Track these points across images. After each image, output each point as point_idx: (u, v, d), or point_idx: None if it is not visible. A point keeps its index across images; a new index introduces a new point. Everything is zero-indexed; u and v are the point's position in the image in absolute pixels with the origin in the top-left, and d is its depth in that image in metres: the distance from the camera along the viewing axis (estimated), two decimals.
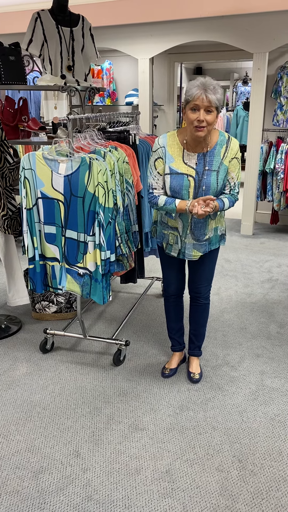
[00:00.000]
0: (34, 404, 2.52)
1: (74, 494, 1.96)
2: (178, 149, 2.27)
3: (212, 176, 2.24)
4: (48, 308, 3.43)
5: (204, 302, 2.66)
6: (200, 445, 2.22)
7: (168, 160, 2.27)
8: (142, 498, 1.93)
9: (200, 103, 2.07)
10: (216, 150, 2.24)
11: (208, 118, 2.10)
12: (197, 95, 2.06)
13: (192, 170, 2.24)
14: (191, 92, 2.09)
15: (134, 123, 3.42)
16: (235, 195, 2.36)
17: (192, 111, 2.11)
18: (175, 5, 4.88)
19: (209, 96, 2.05)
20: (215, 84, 2.09)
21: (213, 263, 2.56)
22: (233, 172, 2.29)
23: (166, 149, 2.28)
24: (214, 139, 2.26)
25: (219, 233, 2.47)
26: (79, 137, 2.64)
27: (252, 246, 5.20)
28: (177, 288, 2.66)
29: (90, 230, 2.47)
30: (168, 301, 2.72)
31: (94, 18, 4.13)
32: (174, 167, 2.26)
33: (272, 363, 2.89)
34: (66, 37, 3.25)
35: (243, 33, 4.88)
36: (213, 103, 2.08)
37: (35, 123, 3.39)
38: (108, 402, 2.53)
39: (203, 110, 2.09)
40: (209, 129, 2.15)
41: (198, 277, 2.58)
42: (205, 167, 2.24)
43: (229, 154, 2.25)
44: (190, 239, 2.39)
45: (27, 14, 3.58)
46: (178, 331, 2.78)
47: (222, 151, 2.24)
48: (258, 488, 1.98)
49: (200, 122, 2.10)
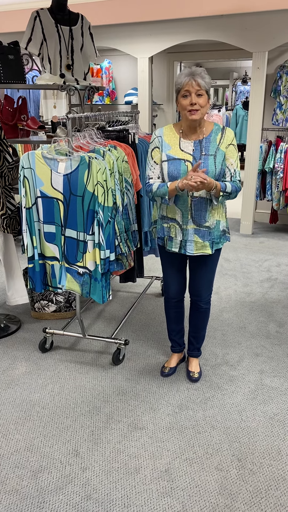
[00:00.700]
0: (33, 403, 2.52)
1: (74, 493, 1.96)
2: (175, 138, 2.32)
3: (209, 160, 2.25)
4: (47, 307, 3.43)
5: (205, 307, 2.63)
6: (199, 444, 2.22)
7: (165, 148, 2.31)
8: (141, 497, 1.93)
9: (190, 88, 2.16)
10: (212, 137, 2.29)
11: (200, 101, 2.19)
12: (185, 81, 2.16)
13: (189, 156, 2.27)
14: (180, 80, 2.19)
15: (133, 122, 3.42)
16: (237, 182, 2.33)
17: (184, 97, 2.20)
18: (175, 4, 4.88)
19: (198, 80, 2.15)
20: (201, 70, 2.19)
21: (214, 265, 2.53)
22: (231, 158, 2.30)
23: (163, 138, 2.34)
24: (209, 128, 2.31)
25: (221, 228, 2.42)
26: (78, 136, 2.64)
27: (251, 245, 5.20)
28: (177, 290, 2.63)
29: (90, 229, 2.47)
30: (168, 305, 2.70)
31: (94, 17, 4.13)
32: (171, 154, 2.30)
33: (271, 362, 2.89)
34: (65, 36, 3.24)
35: (242, 32, 4.87)
36: (203, 86, 2.17)
37: (34, 122, 3.39)
38: (107, 401, 2.53)
39: (194, 94, 2.17)
40: (202, 112, 2.22)
41: (199, 279, 2.54)
42: (202, 152, 2.26)
43: (225, 141, 2.29)
44: (191, 225, 2.36)
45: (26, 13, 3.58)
46: (178, 333, 2.77)
47: (218, 137, 2.29)
48: (257, 487, 1.98)
49: (193, 105, 2.18)
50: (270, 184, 5.37)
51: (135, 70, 5.99)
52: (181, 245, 2.41)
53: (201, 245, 2.39)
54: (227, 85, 10.65)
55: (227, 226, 2.50)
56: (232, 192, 2.31)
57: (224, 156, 2.28)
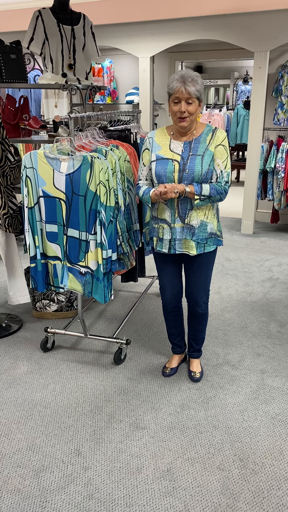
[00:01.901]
0: (35, 403, 2.52)
1: (75, 492, 1.96)
2: (165, 139, 2.34)
3: (196, 160, 2.25)
4: (49, 307, 3.43)
5: (202, 312, 2.61)
6: (201, 444, 2.22)
7: (155, 149, 2.33)
8: (143, 497, 1.93)
9: (180, 95, 2.17)
10: (202, 138, 2.29)
11: (190, 108, 2.19)
12: (176, 88, 2.16)
13: (177, 156, 2.28)
14: (171, 85, 2.19)
15: (135, 121, 3.42)
16: (221, 184, 2.28)
17: (174, 103, 2.21)
18: (176, 4, 4.88)
19: (188, 89, 2.15)
20: (193, 75, 2.18)
21: (208, 268, 2.50)
22: (219, 158, 2.27)
23: (154, 139, 2.36)
24: (201, 130, 2.32)
25: (209, 230, 2.37)
26: (80, 136, 2.64)
27: (252, 245, 5.20)
28: (172, 295, 2.60)
29: (92, 228, 2.47)
30: (165, 310, 2.68)
31: (95, 16, 4.12)
32: (160, 154, 2.31)
33: (272, 362, 2.89)
34: (67, 35, 3.24)
35: (244, 31, 4.87)
36: (193, 94, 2.17)
37: (36, 121, 3.38)
38: (109, 401, 2.53)
39: (184, 101, 2.18)
40: (192, 119, 2.23)
41: (194, 282, 2.51)
42: (190, 153, 2.27)
43: (215, 141, 2.28)
44: (179, 223, 2.35)
45: (28, 12, 3.58)
46: (178, 336, 2.76)
47: (208, 138, 2.29)
48: (259, 487, 1.98)
49: (182, 113, 2.19)
50: (271, 184, 5.37)
51: (137, 69, 5.99)
52: (171, 245, 2.40)
53: (187, 244, 2.38)
54: (228, 85, 10.65)
55: (219, 229, 2.44)
56: (212, 195, 2.26)
57: (213, 156, 2.27)
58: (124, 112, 3.41)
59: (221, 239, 2.46)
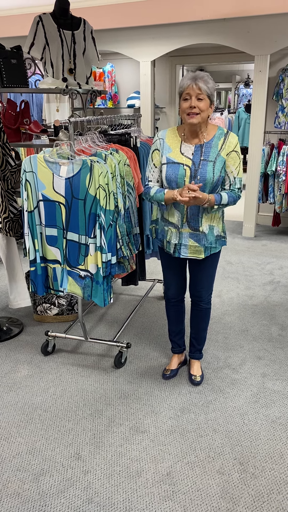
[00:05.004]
0: (35, 407, 2.52)
1: (75, 496, 1.96)
2: (176, 141, 2.32)
3: (208, 166, 2.24)
4: (49, 310, 3.44)
5: (206, 307, 2.64)
6: (201, 447, 2.21)
7: (166, 151, 2.32)
8: (143, 501, 1.93)
9: (190, 91, 2.17)
10: (214, 142, 2.27)
11: (200, 105, 2.18)
12: (187, 84, 2.17)
13: (188, 160, 2.27)
14: (182, 83, 2.20)
15: (135, 125, 3.43)
16: (235, 191, 2.31)
17: (184, 101, 2.21)
18: (177, 8, 4.90)
19: (199, 84, 2.15)
20: (205, 75, 2.19)
21: (213, 267, 2.53)
22: (232, 165, 2.28)
23: (165, 140, 2.34)
24: (212, 132, 2.30)
25: (215, 233, 2.41)
26: (80, 140, 2.65)
27: (254, 248, 5.20)
28: (176, 291, 2.64)
29: (91, 232, 2.47)
30: (168, 305, 2.72)
31: (96, 21, 4.14)
32: (171, 157, 2.30)
33: (273, 366, 2.88)
34: (67, 40, 3.26)
35: (244, 35, 4.88)
36: (204, 90, 2.16)
37: (37, 125, 3.40)
38: (109, 404, 2.53)
39: (194, 97, 2.17)
40: (202, 117, 2.20)
41: (199, 281, 2.55)
42: (201, 158, 2.25)
43: (227, 147, 2.27)
44: (186, 228, 2.37)
45: (28, 17, 3.60)
46: (178, 334, 2.78)
47: (220, 143, 2.27)
48: (259, 491, 1.97)
49: (191, 108, 2.17)
50: (273, 187, 5.37)
51: (138, 73, 6.00)
52: (175, 249, 2.42)
53: (195, 249, 2.39)
54: (229, 88, 10.67)
55: (224, 230, 2.47)
56: (229, 203, 2.30)
57: (225, 163, 2.27)
58: (124, 116, 3.42)
59: (225, 240, 2.50)
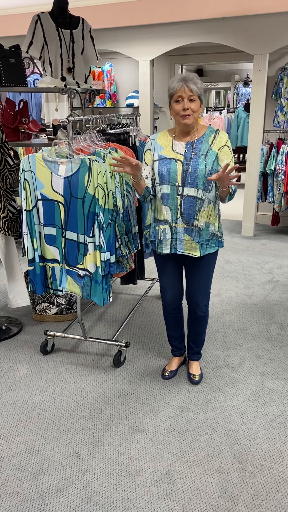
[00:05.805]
0: (34, 406, 2.52)
1: (74, 495, 1.96)
2: (168, 140, 2.35)
3: (200, 159, 2.27)
4: (48, 310, 3.44)
5: (203, 315, 2.61)
6: (200, 446, 2.22)
7: (157, 150, 2.35)
8: (142, 500, 1.93)
9: (182, 93, 2.19)
10: (204, 139, 2.31)
11: (192, 106, 2.22)
12: (178, 87, 2.20)
13: (180, 156, 2.29)
14: (173, 85, 2.23)
15: (134, 124, 3.43)
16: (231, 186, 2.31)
17: (176, 103, 2.23)
18: (176, 7, 4.89)
19: (190, 86, 2.18)
20: (193, 76, 2.23)
21: (210, 269, 2.50)
22: (226, 159, 2.29)
23: (156, 140, 2.37)
24: (202, 131, 2.33)
25: (211, 231, 2.39)
26: (79, 139, 2.65)
27: (253, 247, 5.20)
28: (173, 297, 2.60)
29: (90, 231, 2.47)
30: (166, 312, 2.69)
31: (94, 20, 4.14)
32: (163, 154, 2.32)
33: (272, 365, 2.89)
34: (66, 39, 3.26)
35: (243, 34, 4.88)
36: (195, 91, 2.20)
37: (35, 125, 3.40)
38: (108, 403, 2.53)
39: (186, 99, 2.20)
40: (194, 117, 2.25)
41: (195, 284, 2.51)
42: (193, 152, 2.28)
43: (218, 142, 2.30)
44: (181, 223, 2.35)
45: (27, 16, 3.59)
46: (178, 338, 2.76)
47: (210, 139, 2.30)
48: (258, 489, 1.98)
49: (185, 110, 2.21)
50: (272, 186, 5.37)
51: (137, 72, 6.00)
52: (172, 245, 2.40)
53: (191, 245, 2.38)
54: (228, 88, 10.68)
55: (220, 230, 2.45)
56: (234, 192, 2.33)
57: (216, 156, 2.28)
58: (123, 115, 3.42)
59: (222, 241, 2.47)
